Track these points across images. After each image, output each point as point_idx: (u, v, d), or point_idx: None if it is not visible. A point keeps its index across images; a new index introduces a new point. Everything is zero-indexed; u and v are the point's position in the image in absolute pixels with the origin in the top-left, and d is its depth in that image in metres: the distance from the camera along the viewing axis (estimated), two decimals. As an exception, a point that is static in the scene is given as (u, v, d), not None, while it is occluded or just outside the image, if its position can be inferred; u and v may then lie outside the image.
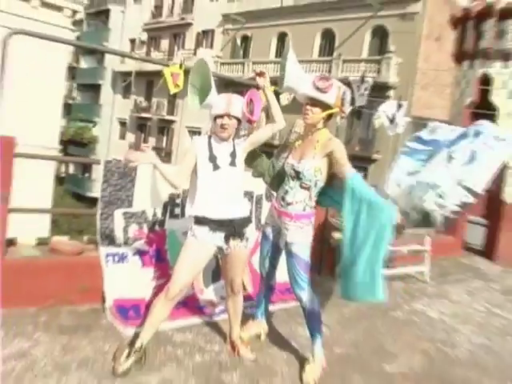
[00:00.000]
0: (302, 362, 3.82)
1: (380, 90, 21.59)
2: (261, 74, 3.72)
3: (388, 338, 4.72)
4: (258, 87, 3.69)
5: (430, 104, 23.28)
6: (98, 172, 36.10)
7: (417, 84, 23.86)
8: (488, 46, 9.32)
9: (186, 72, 4.55)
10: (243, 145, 3.63)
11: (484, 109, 9.21)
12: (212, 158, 3.55)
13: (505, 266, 8.66)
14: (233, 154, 3.57)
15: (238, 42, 32.91)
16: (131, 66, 39.66)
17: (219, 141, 3.60)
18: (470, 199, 5.00)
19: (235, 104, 3.51)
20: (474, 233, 9.62)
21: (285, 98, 7.66)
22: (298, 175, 3.64)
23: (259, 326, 4.27)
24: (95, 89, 43.96)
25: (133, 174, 4.43)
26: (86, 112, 43.73)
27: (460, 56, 10.04)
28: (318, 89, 3.54)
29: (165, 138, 37.48)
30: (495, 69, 9.34)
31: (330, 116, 3.68)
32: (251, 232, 3.76)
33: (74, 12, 12.86)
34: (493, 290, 7.12)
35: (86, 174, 41.21)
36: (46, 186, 11.71)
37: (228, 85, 19.14)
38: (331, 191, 3.77)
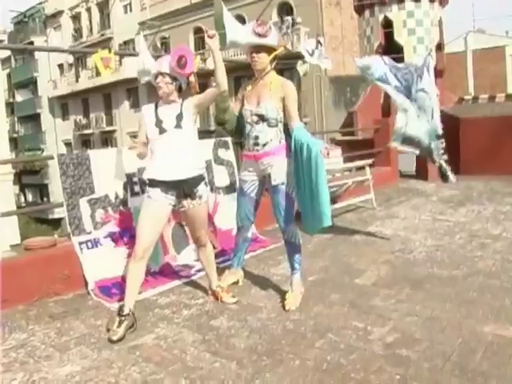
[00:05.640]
0: (282, 294, 3.80)
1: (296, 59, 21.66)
2: (211, 36, 3.46)
3: (353, 259, 4.75)
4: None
5: (343, 63, 23.57)
6: (55, 195, 34.87)
7: (327, 47, 24.05)
8: (382, -7, 9.44)
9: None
10: (188, 107, 3.50)
11: (391, 50, 9.36)
12: (158, 123, 3.46)
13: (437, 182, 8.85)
14: (179, 117, 3.46)
15: (158, 44, 32.37)
16: (64, 89, 38.60)
17: (165, 105, 3.50)
18: (443, 143, 5.14)
19: (165, 62, 3.41)
20: (403, 162, 9.80)
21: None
22: (262, 118, 3.58)
23: (236, 274, 4.21)
24: (35, 118, 42.63)
25: (87, 162, 4.28)
26: (31, 141, 42.38)
27: (361, 7, 10.13)
28: (259, 35, 3.47)
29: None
30: (393, 12, 9.48)
31: (275, 57, 3.64)
32: (205, 190, 3.65)
33: None
34: (433, 202, 7.31)
35: (45, 199, 39.95)
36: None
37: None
38: None
